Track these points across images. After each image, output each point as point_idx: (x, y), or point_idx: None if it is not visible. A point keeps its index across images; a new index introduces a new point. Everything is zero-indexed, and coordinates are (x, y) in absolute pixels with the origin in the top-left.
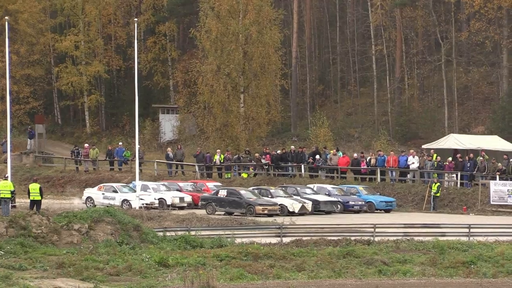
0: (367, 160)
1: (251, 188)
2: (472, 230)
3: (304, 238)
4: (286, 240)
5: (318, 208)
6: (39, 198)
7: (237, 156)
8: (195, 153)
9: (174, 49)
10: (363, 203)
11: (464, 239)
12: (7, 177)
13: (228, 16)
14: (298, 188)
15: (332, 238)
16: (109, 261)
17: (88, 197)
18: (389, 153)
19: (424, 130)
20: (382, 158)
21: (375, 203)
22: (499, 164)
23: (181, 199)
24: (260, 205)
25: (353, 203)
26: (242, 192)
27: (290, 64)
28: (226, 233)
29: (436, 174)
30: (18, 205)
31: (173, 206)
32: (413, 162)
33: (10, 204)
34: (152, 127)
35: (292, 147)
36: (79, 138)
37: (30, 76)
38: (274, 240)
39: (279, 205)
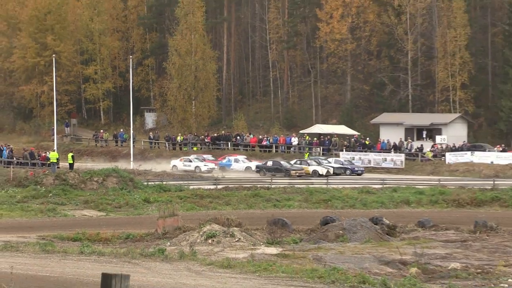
0: (268, 139)
1: (293, 160)
2: (329, 180)
3: (230, 186)
4: (219, 187)
5: (335, 172)
6: (71, 161)
7: (189, 135)
8: (165, 136)
9: (154, 74)
10: (363, 168)
11: (324, 186)
12: (55, 150)
13: (185, 54)
14: (321, 160)
15: (246, 185)
16: (115, 199)
17: (174, 165)
18: (280, 135)
19: (301, 122)
20: (276, 138)
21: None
22: (345, 142)
23: (207, 166)
24: (294, 170)
25: (357, 169)
26: (282, 162)
27: (222, 83)
28: (185, 183)
29: (307, 148)
30: (61, 166)
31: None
32: (294, 141)
33: (56, 166)
34: (140, 120)
35: (223, 132)
36: (97, 127)
37: (68, 90)
38: (212, 187)
39: (313, 170)
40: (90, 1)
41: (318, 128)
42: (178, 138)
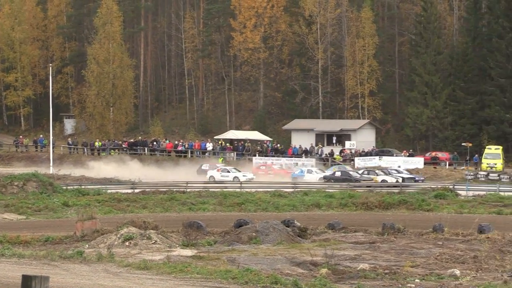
0: (183, 144)
1: (361, 170)
2: (243, 185)
3: (147, 190)
4: (137, 191)
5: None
6: None
7: (107, 141)
8: (84, 141)
9: (73, 82)
10: (423, 178)
11: (238, 190)
12: None
13: (104, 62)
14: (389, 170)
15: (163, 189)
16: (35, 203)
17: (211, 176)
18: (195, 141)
19: (215, 128)
20: (191, 144)
21: None
22: (258, 147)
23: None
24: (363, 180)
25: (418, 178)
26: (351, 172)
27: (139, 90)
28: (102, 187)
29: (222, 153)
30: None
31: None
32: (209, 146)
33: None
34: (60, 126)
35: (140, 137)
36: (18, 133)
37: None
38: (130, 191)
39: (382, 180)
40: (11, 10)
41: (232, 134)
42: (96, 143)
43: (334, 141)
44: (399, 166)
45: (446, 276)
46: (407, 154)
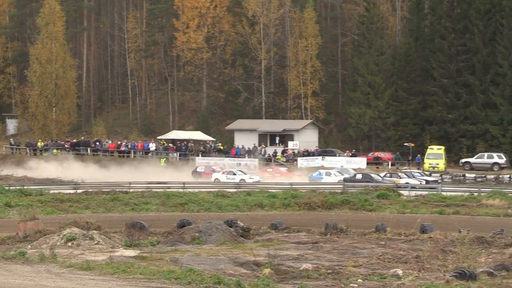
0: (126, 145)
1: (383, 173)
2: (186, 185)
3: (90, 190)
4: (79, 191)
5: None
6: None
7: (51, 141)
8: (26, 142)
9: (15, 82)
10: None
11: (181, 190)
12: None
13: (46, 62)
14: (412, 172)
15: (106, 190)
16: None
17: (216, 178)
18: (138, 141)
19: (158, 128)
20: (134, 144)
21: None
22: (201, 147)
23: (253, 179)
24: (385, 183)
25: (440, 181)
26: (372, 175)
27: (82, 90)
28: (45, 187)
29: (165, 154)
30: None
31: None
32: (152, 146)
33: None
34: (2, 126)
35: (82, 138)
36: None
37: None
38: (72, 191)
39: (405, 182)
40: None
41: (175, 134)
42: (39, 144)
43: (277, 141)
44: (342, 166)
45: (388, 276)
46: (350, 154)
